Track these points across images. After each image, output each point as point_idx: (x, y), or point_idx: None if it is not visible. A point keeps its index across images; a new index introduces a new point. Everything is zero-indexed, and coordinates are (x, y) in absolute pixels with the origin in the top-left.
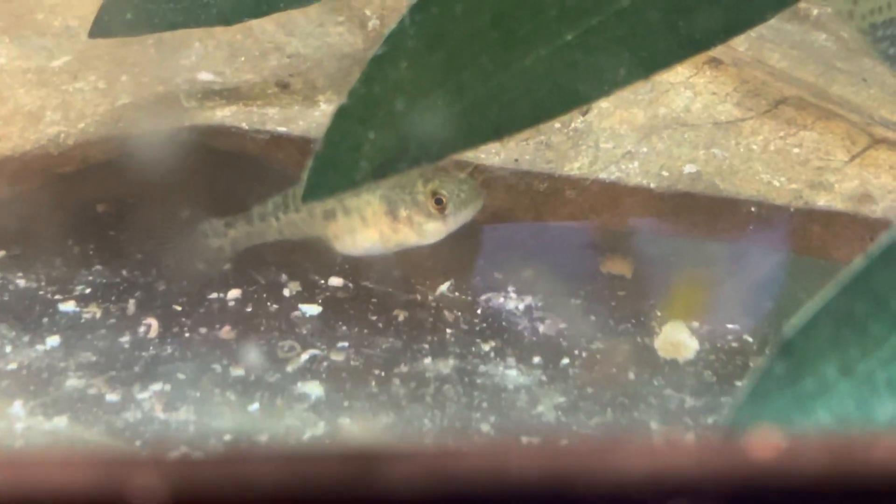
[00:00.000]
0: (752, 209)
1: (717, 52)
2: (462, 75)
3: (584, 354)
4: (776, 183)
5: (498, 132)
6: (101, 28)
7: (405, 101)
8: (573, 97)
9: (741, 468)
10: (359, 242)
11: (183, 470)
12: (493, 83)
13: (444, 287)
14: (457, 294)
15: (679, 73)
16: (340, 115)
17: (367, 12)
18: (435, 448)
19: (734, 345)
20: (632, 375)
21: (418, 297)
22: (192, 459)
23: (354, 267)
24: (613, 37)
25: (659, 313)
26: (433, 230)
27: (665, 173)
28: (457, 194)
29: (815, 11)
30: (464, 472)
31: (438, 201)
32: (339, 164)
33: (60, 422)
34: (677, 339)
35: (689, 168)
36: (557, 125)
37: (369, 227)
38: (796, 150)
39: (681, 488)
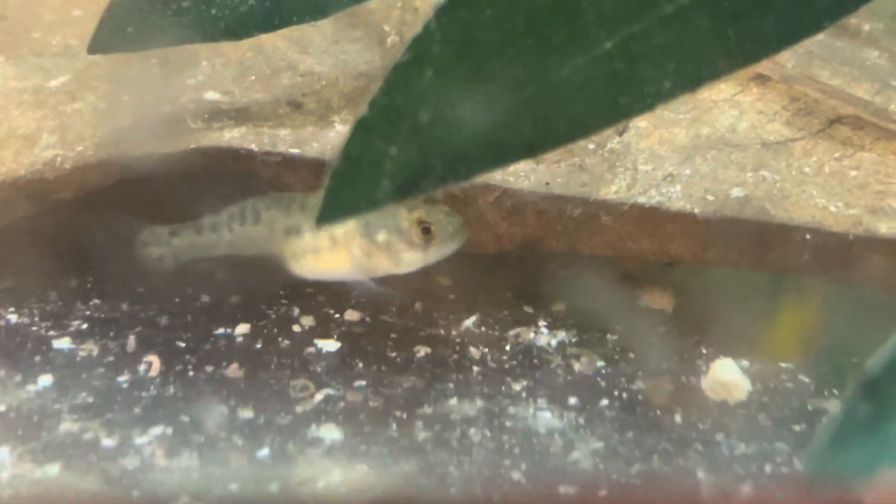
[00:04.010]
0: (807, 236)
1: (764, 68)
2: (492, 86)
3: (624, 395)
4: (832, 208)
5: (531, 149)
6: (100, 43)
7: (430, 113)
8: (613, 111)
9: None
10: (322, 264)
11: None
12: (526, 95)
13: (469, 322)
14: (483, 329)
15: (723, 91)
16: (360, 128)
17: (386, 28)
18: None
19: (789, 385)
20: (678, 419)
21: (441, 332)
22: None
23: (372, 300)
24: (657, 45)
25: (705, 350)
26: (410, 260)
27: (710, 197)
28: (444, 226)
29: (867, 27)
30: None
31: (425, 230)
32: (359, 182)
33: (52, 469)
34: (727, 379)
35: (736, 192)
36: (592, 146)
37: (339, 248)
38: (854, 173)
39: None
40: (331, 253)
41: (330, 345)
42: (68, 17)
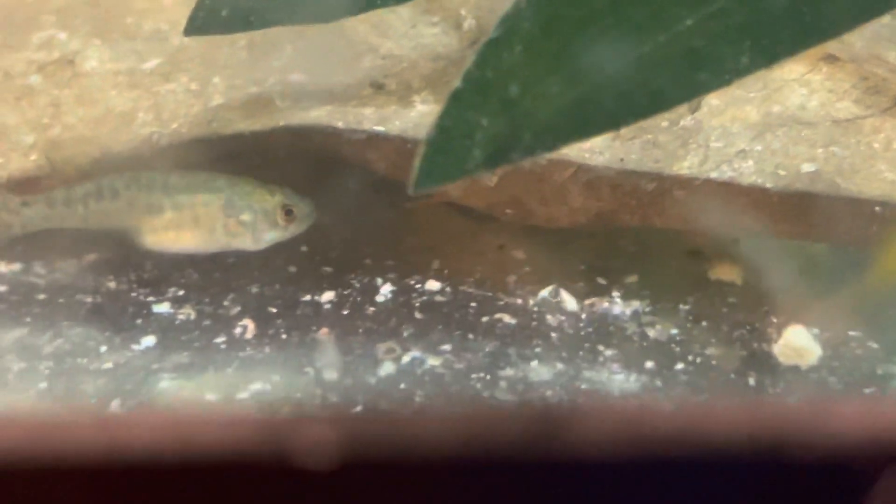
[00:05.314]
0: (876, 209)
1: (833, 48)
2: (578, 62)
3: (697, 360)
4: None
5: (615, 122)
6: (195, 26)
7: (519, 87)
8: (692, 86)
9: None
10: (182, 240)
11: (356, 426)
12: (609, 70)
13: (545, 292)
14: (559, 299)
15: (793, 70)
16: (454, 99)
17: (462, 12)
18: (627, 406)
19: (859, 351)
20: (751, 381)
21: (519, 301)
22: (364, 416)
23: (453, 271)
24: (735, 23)
25: (775, 320)
26: (269, 239)
27: (781, 172)
28: (301, 208)
29: None
30: (660, 432)
31: (289, 212)
32: (451, 151)
33: None
34: (799, 345)
35: (807, 167)
36: (665, 123)
37: (200, 226)
38: None
39: None
40: (193, 231)
41: (413, 311)
42: (158, 3)
